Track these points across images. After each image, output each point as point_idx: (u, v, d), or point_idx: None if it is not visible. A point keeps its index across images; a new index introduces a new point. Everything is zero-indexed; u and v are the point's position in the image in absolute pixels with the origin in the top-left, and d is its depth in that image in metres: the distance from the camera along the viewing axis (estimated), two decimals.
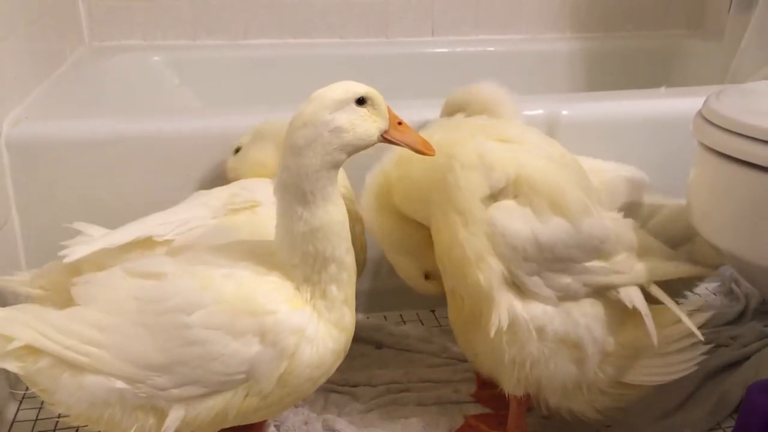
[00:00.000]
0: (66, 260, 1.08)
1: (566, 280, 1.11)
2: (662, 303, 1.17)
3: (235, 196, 1.23)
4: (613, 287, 1.14)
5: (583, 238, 1.11)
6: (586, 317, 1.13)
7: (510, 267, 1.10)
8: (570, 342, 1.12)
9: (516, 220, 1.10)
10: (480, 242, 1.09)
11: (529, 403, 1.21)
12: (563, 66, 2.40)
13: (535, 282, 1.10)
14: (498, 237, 1.09)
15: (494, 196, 1.11)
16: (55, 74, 1.83)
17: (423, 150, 1.05)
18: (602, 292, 1.15)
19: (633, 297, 1.14)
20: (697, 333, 1.15)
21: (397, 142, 1.04)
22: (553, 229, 1.10)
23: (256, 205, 1.23)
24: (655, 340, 1.13)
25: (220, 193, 1.26)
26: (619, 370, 1.16)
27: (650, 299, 1.17)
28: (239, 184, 1.29)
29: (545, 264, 1.10)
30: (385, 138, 1.03)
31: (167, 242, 1.13)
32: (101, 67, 2.02)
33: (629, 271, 1.15)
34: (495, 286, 1.09)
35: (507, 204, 1.11)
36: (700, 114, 1.16)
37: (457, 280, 1.14)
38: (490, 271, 1.09)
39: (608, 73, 2.39)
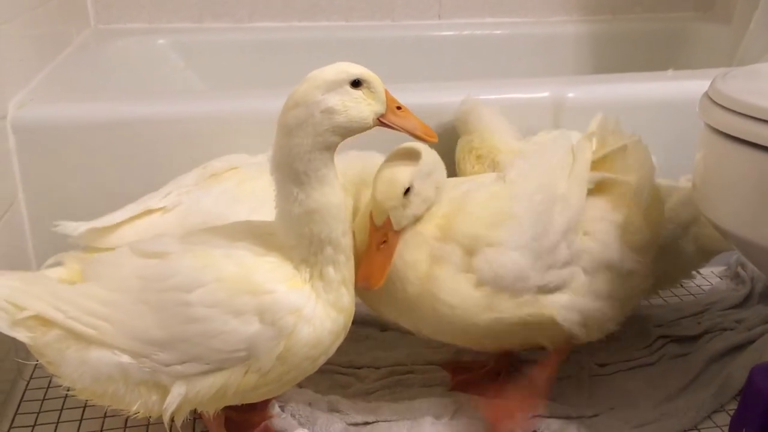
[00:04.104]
0: (56, 229, 1.20)
1: (563, 249, 1.13)
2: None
3: (209, 166, 1.33)
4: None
5: (530, 208, 1.13)
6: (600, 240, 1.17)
7: (537, 281, 1.12)
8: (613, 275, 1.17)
9: (496, 261, 1.10)
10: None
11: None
12: (570, 49, 2.39)
13: (557, 275, 1.13)
14: (499, 271, 1.10)
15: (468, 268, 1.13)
16: (60, 57, 1.84)
17: (423, 137, 1.03)
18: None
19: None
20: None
21: (395, 127, 1.02)
22: (513, 230, 1.11)
23: (235, 167, 1.31)
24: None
25: (194, 171, 1.35)
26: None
27: None
28: (215, 160, 1.37)
29: (543, 252, 1.12)
30: (382, 122, 1.01)
31: (163, 209, 1.23)
32: (107, 49, 2.02)
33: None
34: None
35: (474, 266, 1.11)
36: (706, 95, 1.15)
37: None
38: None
39: (615, 56, 2.38)
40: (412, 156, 1.10)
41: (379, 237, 1.10)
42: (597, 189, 1.20)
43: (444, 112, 1.56)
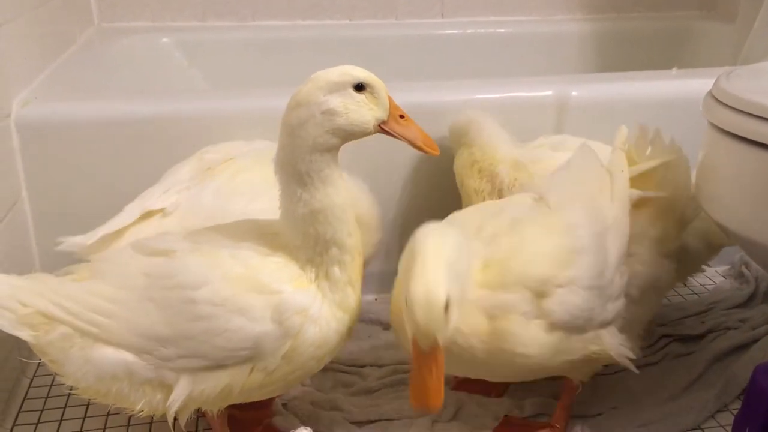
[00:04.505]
0: (60, 248, 1.19)
1: (617, 280, 1.11)
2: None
3: (205, 158, 1.34)
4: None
5: (592, 240, 1.10)
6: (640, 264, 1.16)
7: (599, 317, 1.09)
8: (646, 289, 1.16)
9: (569, 302, 1.05)
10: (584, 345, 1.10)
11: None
12: (574, 47, 2.39)
13: (613, 308, 1.11)
14: (574, 312, 1.06)
15: (539, 313, 1.06)
16: (64, 55, 1.84)
17: (424, 147, 1.02)
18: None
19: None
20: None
21: (396, 135, 1.01)
22: (582, 266, 1.07)
23: (231, 158, 1.31)
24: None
25: (190, 161, 1.37)
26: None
27: None
28: (204, 149, 1.39)
29: (605, 285, 1.09)
30: (383, 129, 1.01)
31: (161, 210, 1.22)
32: (110, 48, 2.03)
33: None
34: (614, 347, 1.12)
35: (545, 310, 1.05)
36: (710, 94, 1.15)
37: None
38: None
39: (619, 55, 2.37)
40: (435, 256, 0.94)
41: (429, 362, 0.95)
42: (633, 203, 1.18)
43: (447, 111, 1.56)
